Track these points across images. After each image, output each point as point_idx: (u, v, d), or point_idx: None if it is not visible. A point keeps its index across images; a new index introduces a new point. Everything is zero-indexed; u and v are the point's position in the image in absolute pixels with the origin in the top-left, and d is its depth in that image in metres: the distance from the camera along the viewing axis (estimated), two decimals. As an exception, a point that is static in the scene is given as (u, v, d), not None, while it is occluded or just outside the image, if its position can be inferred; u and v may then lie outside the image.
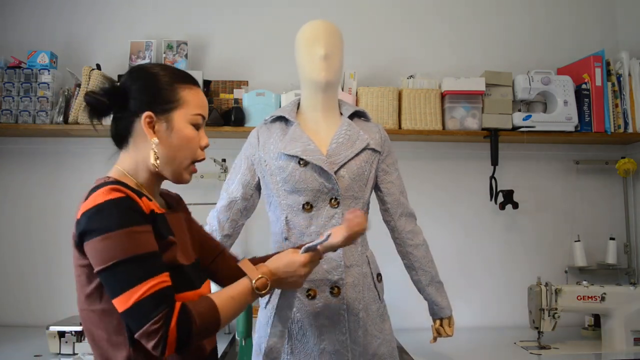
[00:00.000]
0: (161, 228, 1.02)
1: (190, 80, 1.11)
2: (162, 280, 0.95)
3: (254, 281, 1.08)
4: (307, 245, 1.16)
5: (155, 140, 1.05)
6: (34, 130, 2.31)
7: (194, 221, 1.25)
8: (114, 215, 0.94)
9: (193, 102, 1.09)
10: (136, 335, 0.93)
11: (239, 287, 1.07)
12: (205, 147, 1.13)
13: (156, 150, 1.05)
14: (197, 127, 1.10)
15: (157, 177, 1.10)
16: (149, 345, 0.93)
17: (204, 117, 1.12)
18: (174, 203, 1.19)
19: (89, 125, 1.10)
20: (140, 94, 1.06)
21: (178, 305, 0.95)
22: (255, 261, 1.18)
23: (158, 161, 1.05)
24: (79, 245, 0.96)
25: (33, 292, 2.42)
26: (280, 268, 1.13)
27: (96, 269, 0.94)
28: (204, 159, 1.14)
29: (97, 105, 1.05)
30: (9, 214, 2.46)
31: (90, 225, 0.94)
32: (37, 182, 2.47)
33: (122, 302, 0.93)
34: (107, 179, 1.03)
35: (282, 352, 1.41)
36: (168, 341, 0.93)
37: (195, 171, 1.13)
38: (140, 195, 1.00)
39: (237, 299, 1.05)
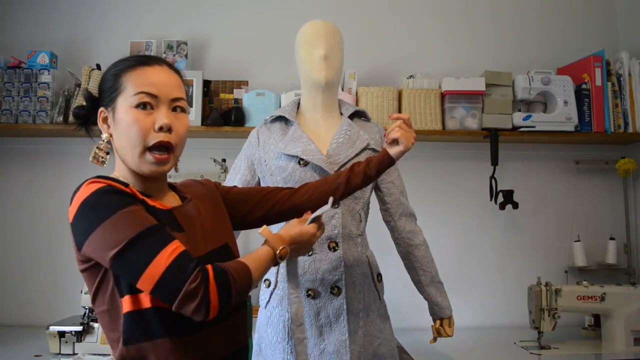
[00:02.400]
0: (165, 224, 0.98)
1: (138, 63, 1.04)
2: (179, 245, 0.92)
3: (277, 251, 1.07)
4: (312, 216, 1.18)
5: (104, 135, 1.04)
6: (34, 130, 2.31)
7: (217, 198, 1.21)
8: (105, 202, 0.92)
9: (134, 83, 1.01)
10: (175, 305, 0.88)
11: (263, 252, 1.06)
12: (162, 128, 1.00)
13: (100, 148, 1.03)
14: (144, 107, 1.00)
15: (139, 173, 1.05)
16: (191, 307, 0.88)
17: (152, 95, 1.01)
18: (189, 194, 1.15)
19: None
20: (98, 92, 1.07)
21: (209, 265, 0.92)
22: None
23: (103, 158, 1.03)
24: (80, 248, 0.93)
25: (33, 292, 2.42)
26: (295, 238, 1.13)
27: (109, 259, 0.89)
28: (160, 142, 1.00)
29: (83, 114, 1.06)
30: (9, 214, 2.46)
31: (85, 222, 0.92)
32: (37, 182, 2.47)
33: (148, 279, 0.88)
34: None
35: (304, 316, 1.42)
36: (211, 299, 0.89)
37: (159, 160, 1.01)
38: (125, 185, 0.98)
39: (262, 263, 1.03)
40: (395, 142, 1.32)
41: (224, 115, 2.35)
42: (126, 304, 0.95)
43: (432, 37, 2.66)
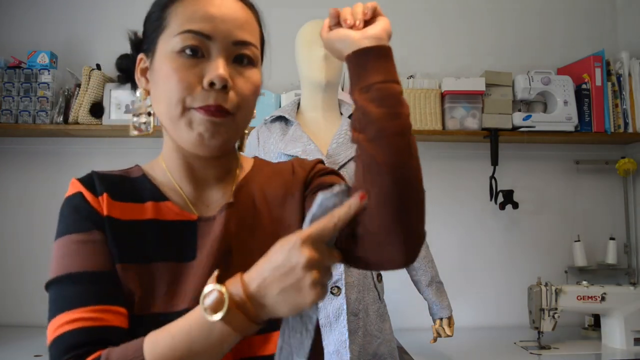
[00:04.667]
0: (164, 248, 0.73)
1: None
2: (83, 315, 0.66)
3: (202, 296, 0.60)
4: (311, 213, 0.65)
5: (138, 92, 0.76)
6: (34, 130, 2.30)
7: (295, 200, 0.78)
8: (61, 219, 0.73)
9: (180, 17, 0.70)
10: None
11: (188, 315, 0.62)
12: (213, 83, 0.68)
13: (135, 114, 0.75)
14: (192, 52, 0.69)
15: (186, 153, 0.74)
16: None
17: (203, 34, 0.69)
18: (252, 194, 0.79)
19: (89, 125, 1.05)
20: (142, 35, 0.79)
21: (96, 354, 0.63)
22: None
23: (143, 124, 0.75)
24: None
25: (33, 292, 2.40)
26: (261, 265, 0.61)
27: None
28: (208, 106, 0.68)
29: (127, 65, 0.80)
30: (9, 214, 2.46)
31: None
32: (37, 182, 2.46)
33: (48, 335, 0.69)
34: None
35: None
36: None
37: (210, 126, 0.69)
38: (97, 193, 0.73)
39: (180, 337, 0.61)
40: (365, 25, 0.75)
41: (224, 115, 2.35)
42: None
43: (432, 37, 2.66)
